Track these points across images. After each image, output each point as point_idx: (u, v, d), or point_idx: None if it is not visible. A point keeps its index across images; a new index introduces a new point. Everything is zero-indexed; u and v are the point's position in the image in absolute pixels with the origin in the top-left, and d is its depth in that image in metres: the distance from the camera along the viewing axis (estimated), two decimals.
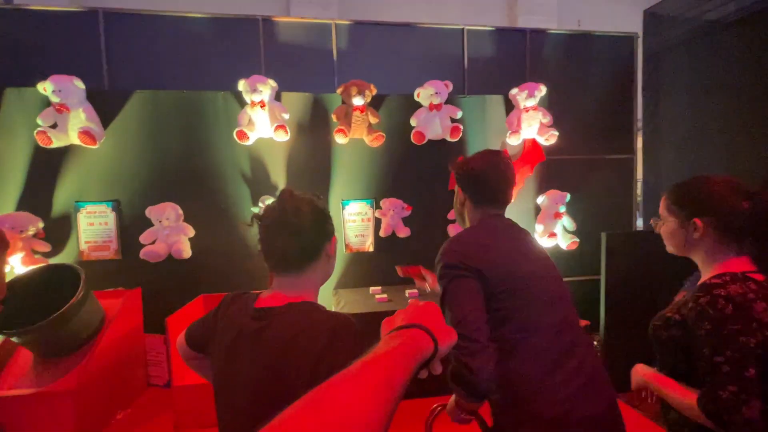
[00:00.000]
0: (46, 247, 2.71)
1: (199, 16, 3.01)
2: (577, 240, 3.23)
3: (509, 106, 3.22)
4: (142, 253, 2.72)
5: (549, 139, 3.14)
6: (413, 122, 3.01)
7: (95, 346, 2.36)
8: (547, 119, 3.14)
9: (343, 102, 2.88)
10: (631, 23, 3.78)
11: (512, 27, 3.52)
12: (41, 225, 2.68)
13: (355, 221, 3.09)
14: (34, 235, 2.67)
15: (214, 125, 2.88)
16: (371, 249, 3.11)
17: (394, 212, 3.05)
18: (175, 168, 2.86)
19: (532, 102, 3.09)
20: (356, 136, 2.93)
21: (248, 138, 2.74)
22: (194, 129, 2.87)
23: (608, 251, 2.74)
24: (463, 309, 1.03)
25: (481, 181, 1.26)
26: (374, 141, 2.93)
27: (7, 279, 2.17)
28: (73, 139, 2.61)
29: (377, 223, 3.09)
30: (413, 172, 3.13)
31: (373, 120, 2.91)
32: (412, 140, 2.99)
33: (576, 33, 3.55)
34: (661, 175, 3.51)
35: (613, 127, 3.52)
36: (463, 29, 3.31)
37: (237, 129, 2.72)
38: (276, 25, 3.07)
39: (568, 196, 3.25)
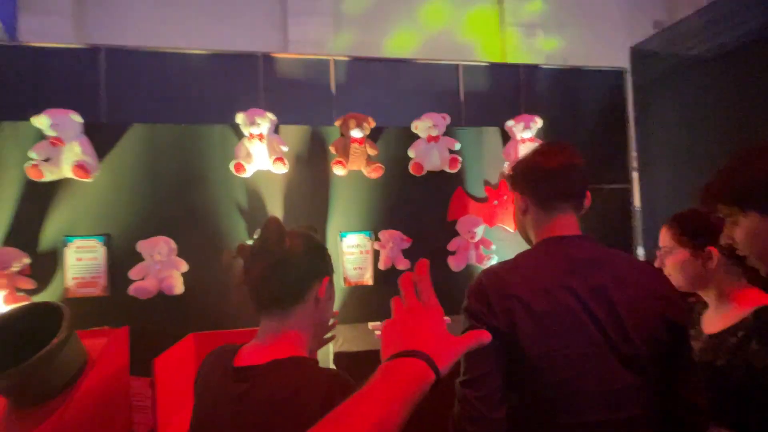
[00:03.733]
0: (30, 285, 2.59)
1: (200, 52, 3.07)
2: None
3: (506, 137, 3.27)
4: (131, 290, 2.61)
5: None
6: (411, 154, 3.03)
7: (75, 391, 2.19)
8: None
9: (342, 134, 2.90)
10: (620, 58, 3.93)
11: (506, 63, 3.65)
12: (27, 261, 2.57)
13: (353, 253, 3.02)
14: (19, 272, 2.55)
15: (211, 158, 2.87)
16: (370, 282, 3.02)
17: (393, 244, 2.99)
18: (170, 201, 2.81)
19: (528, 134, 3.13)
20: (355, 168, 2.92)
21: (246, 170, 2.72)
22: (191, 162, 2.85)
23: None
24: (473, 370, 0.82)
25: (541, 163, 0.93)
26: (373, 172, 2.92)
27: None
28: (67, 172, 2.56)
29: (376, 255, 3.03)
30: (412, 203, 3.11)
31: (371, 152, 2.91)
32: (411, 171, 2.99)
33: (566, 68, 3.68)
34: (657, 203, 3.53)
35: (607, 158, 3.57)
36: (458, 65, 3.41)
37: (234, 161, 2.70)
38: (275, 61, 3.14)
39: None
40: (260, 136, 2.67)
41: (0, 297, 2.44)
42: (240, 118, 2.69)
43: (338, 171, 2.88)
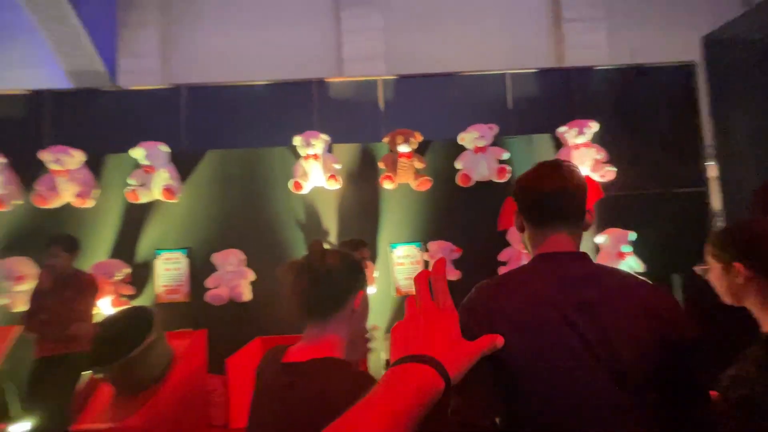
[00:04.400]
0: (130, 291, 3.05)
1: (261, 83, 3.42)
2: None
3: (558, 144, 3.17)
4: (207, 297, 2.95)
5: (605, 175, 3.01)
6: (458, 165, 3.06)
7: (163, 385, 2.54)
8: (601, 155, 3.03)
9: (390, 150, 3.03)
10: (686, 49, 3.61)
11: (555, 67, 3.53)
12: (127, 270, 3.04)
13: (403, 264, 3.12)
14: (122, 280, 3.02)
15: (273, 178, 3.16)
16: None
17: (443, 255, 3.03)
18: (239, 217, 3.14)
19: (582, 139, 3.01)
20: (403, 182, 3.03)
21: (303, 188, 2.96)
22: (256, 181, 3.16)
23: (685, 296, 2.46)
24: (463, 394, 0.77)
25: (533, 187, 0.93)
26: (420, 185, 3.01)
27: (96, 320, 2.47)
28: (157, 195, 2.99)
29: (426, 266, 3.09)
30: (462, 214, 3.13)
31: (418, 165, 3.00)
32: (458, 183, 3.03)
33: (625, 67, 3.47)
34: (741, 205, 3.16)
35: (678, 159, 3.29)
36: (504, 74, 3.39)
37: (293, 180, 2.95)
38: (327, 85, 3.38)
39: (633, 234, 3.02)
40: (315, 156, 2.90)
41: (107, 301, 2.91)
42: (297, 140, 2.94)
43: (387, 185, 3.01)
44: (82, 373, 2.29)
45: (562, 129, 3.08)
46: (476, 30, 6.68)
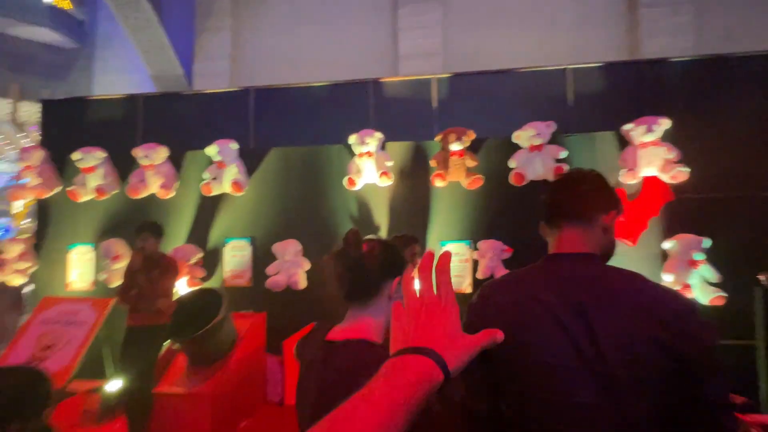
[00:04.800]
0: (202, 273, 3.40)
1: (321, 84, 3.60)
2: (723, 294, 2.69)
3: (623, 143, 2.98)
4: (267, 283, 3.20)
5: (676, 176, 2.78)
6: (512, 164, 3.01)
7: (229, 359, 2.82)
8: (672, 155, 2.80)
9: (443, 148, 3.05)
10: None
11: (621, 60, 3.30)
12: (201, 255, 3.40)
13: (452, 262, 3.13)
14: (196, 264, 3.38)
15: (330, 174, 3.33)
16: (469, 290, 3.09)
17: (492, 254, 3.01)
18: (298, 210, 3.36)
19: (651, 137, 2.81)
20: (454, 180, 3.04)
21: (356, 184, 3.09)
22: (314, 177, 3.36)
23: (767, 308, 2.23)
24: (462, 379, 0.81)
25: (547, 189, 0.99)
26: (472, 184, 3.00)
27: (174, 298, 2.79)
28: (227, 188, 3.30)
29: (475, 264, 3.08)
30: (514, 213, 3.07)
31: (470, 164, 3.00)
32: (511, 182, 2.97)
33: (705, 58, 3.15)
34: None
35: (762, 159, 2.93)
36: (564, 69, 3.24)
37: (347, 177, 3.09)
38: (383, 85, 3.48)
39: (707, 240, 2.77)
40: (369, 154, 3.01)
41: (184, 281, 3.28)
42: (352, 138, 3.07)
43: (438, 183, 3.04)
44: (164, 343, 2.63)
45: (627, 126, 2.89)
46: (541, 23, 6.40)
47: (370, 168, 3.06)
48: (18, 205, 6.14)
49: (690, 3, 6.00)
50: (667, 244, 2.88)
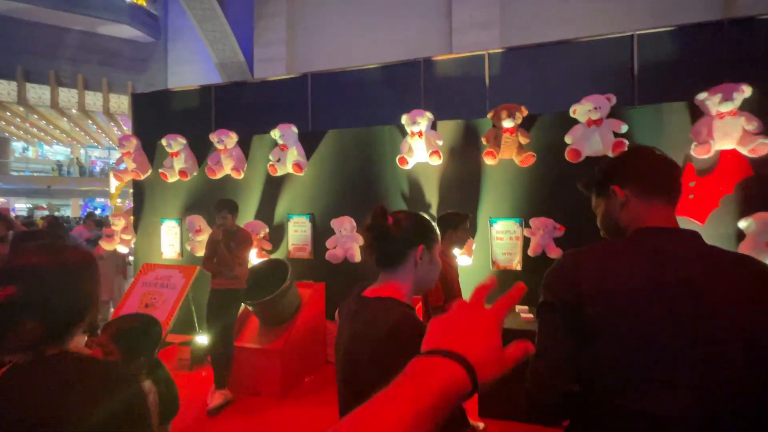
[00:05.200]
0: (269, 246, 3.77)
1: (373, 66, 3.70)
2: None
3: (696, 114, 2.76)
4: (327, 256, 3.48)
5: (757, 149, 2.55)
6: (568, 139, 2.93)
7: (294, 322, 3.16)
8: (753, 126, 2.56)
9: (494, 125, 3.05)
10: None
11: (701, 21, 2.99)
12: (267, 230, 3.76)
13: (502, 239, 3.18)
14: (263, 238, 3.76)
15: (383, 154, 3.48)
16: (519, 267, 3.13)
17: (544, 232, 3.00)
18: (353, 188, 3.57)
19: (729, 106, 2.58)
20: (505, 157, 3.04)
21: (408, 163, 3.20)
22: (368, 157, 3.53)
23: None
24: (544, 341, 0.82)
25: (649, 155, 0.92)
26: (524, 161, 2.98)
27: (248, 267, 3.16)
28: (289, 169, 3.59)
29: (526, 242, 3.10)
30: (568, 191, 2.99)
31: (523, 141, 2.97)
32: (567, 158, 2.91)
33: None
34: None
35: None
36: (632, 35, 3.03)
37: (399, 156, 3.22)
38: (434, 63, 3.50)
39: None
40: (419, 134, 3.10)
41: (253, 253, 3.67)
42: (404, 119, 3.17)
43: (489, 161, 3.05)
44: (240, 305, 3.02)
45: (702, 95, 2.67)
46: None
47: (420, 147, 3.15)
48: (113, 186, 7.07)
49: None
50: (743, 223, 2.67)
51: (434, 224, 1.12)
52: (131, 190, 4.44)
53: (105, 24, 11.07)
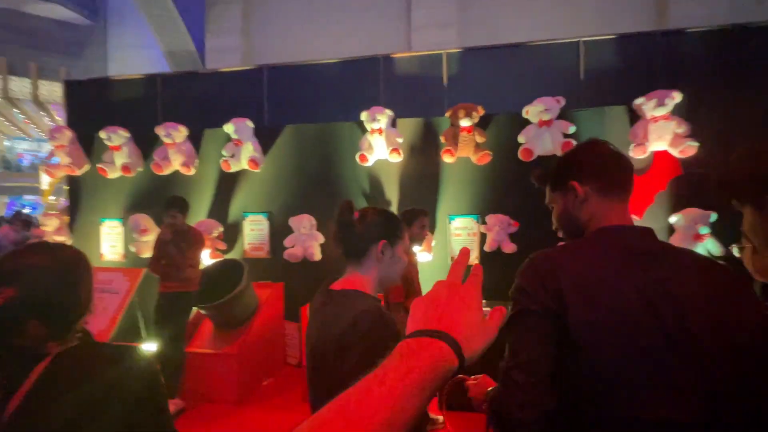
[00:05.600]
0: (223, 246, 3.61)
1: (332, 61, 3.64)
2: (728, 267, 2.75)
3: (634, 117, 2.98)
4: (285, 254, 3.39)
5: (685, 151, 2.80)
6: (521, 139, 3.05)
7: (251, 325, 3.05)
8: (682, 129, 2.81)
9: (452, 124, 3.10)
10: None
11: (639, 31, 3.23)
12: (221, 229, 3.59)
13: (460, 235, 3.26)
14: (217, 237, 3.58)
15: (342, 150, 3.43)
16: (476, 263, 3.22)
17: (500, 228, 3.11)
18: (312, 185, 3.50)
19: (662, 111, 2.80)
20: (463, 155, 3.11)
21: (368, 160, 3.19)
22: (327, 154, 3.47)
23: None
24: (525, 353, 0.76)
25: (610, 153, 0.89)
26: (481, 159, 3.07)
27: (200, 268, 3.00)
28: (244, 165, 3.44)
29: (483, 237, 3.19)
30: (521, 188, 3.12)
31: (479, 139, 3.05)
32: (520, 157, 3.03)
33: (727, 28, 3.07)
34: None
35: None
36: (578, 41, 3.21)
37: (359, 153, 3.19)
38: (394, 61, 3.50)
39: (713, 215, 2.81)
40: (379, 131, 3.09)
41: (206, 253, 3.49)
42: (364, 115, 3.14)
43: (447, 159, 3.11)
44: (192, 308, 2.86)
45: (639, 100, 2.89)
46: None
47: (381, 144, 3.14)
48: (45, 183, 6.45)
49: None
50: (674, 218, 2.93)
51: (401, 223, 1.14)
52: (67, 187, 4.06)
53: (32, 2, 10.01)
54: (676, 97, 2.78)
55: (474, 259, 3.23)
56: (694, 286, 0.75)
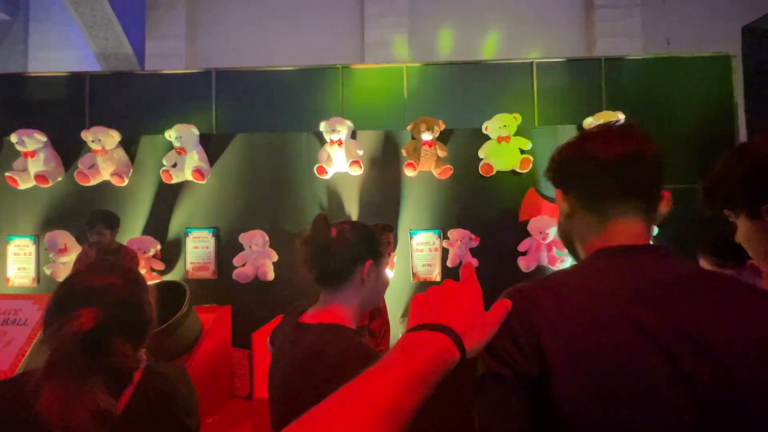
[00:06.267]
0: (161, 266, 3.21)
1: (288, 68, 3.47)
2: None
3: None
4: (234, 275, 3.08)
5: None
6: (482, 154, 3.07)
7: (193, 354, 2.70)
8: None
9: (413, 137, 3.06)
10: (725, 40, 3.49)
11: (586, 57, 3.46)
12: (159, 247, 3.20)
13: (422, 251, 3.18)
14: (153, 256, 3.18)
15: (298, 162, 3.24)
16: (438, 279, 3.15)
17: (461, 243, 3.07)
18: (265, 199, 3.25)
19: None
20: (425, 169, 3.07)
21: (327, 173, 3.03)
22: (282, 166, 3.25)
23: None
24: (493, 427, 0.54)
25: (596, 151, 0.65)
26: (442, 174, 3.04)
27: None
28: (188, 176, 3.12)
29: (445, 253, 3.14)
30: (482, 203, 3.15)
31: (441, 154, 3.03)
32: (481, 172, 3.04)
33: (659, 57, 3.37)
34: None
35: (709, 155, 3.20)
36: (532, 62, 3.35)
37: (317, 165, 3.03)
38: (354, 72, 3.41)
39: (655, 229, 2.99)
40: (339, 142, 2.96)
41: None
42: (322, 125, 3.00)
43: (409, 172, 3.05)
44: None
45: (588, 120, 3.04)
46: (505, 17, 6.53)
47: (340, 156, 3.00)
48: None
49: (638, 6, 6.38)
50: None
51: (380, 236, 0.99)
52: None
53: None
54: (621, 118, 2.96)
55: (436, 275, 3.16)
56: (732, 329, 0.52)
